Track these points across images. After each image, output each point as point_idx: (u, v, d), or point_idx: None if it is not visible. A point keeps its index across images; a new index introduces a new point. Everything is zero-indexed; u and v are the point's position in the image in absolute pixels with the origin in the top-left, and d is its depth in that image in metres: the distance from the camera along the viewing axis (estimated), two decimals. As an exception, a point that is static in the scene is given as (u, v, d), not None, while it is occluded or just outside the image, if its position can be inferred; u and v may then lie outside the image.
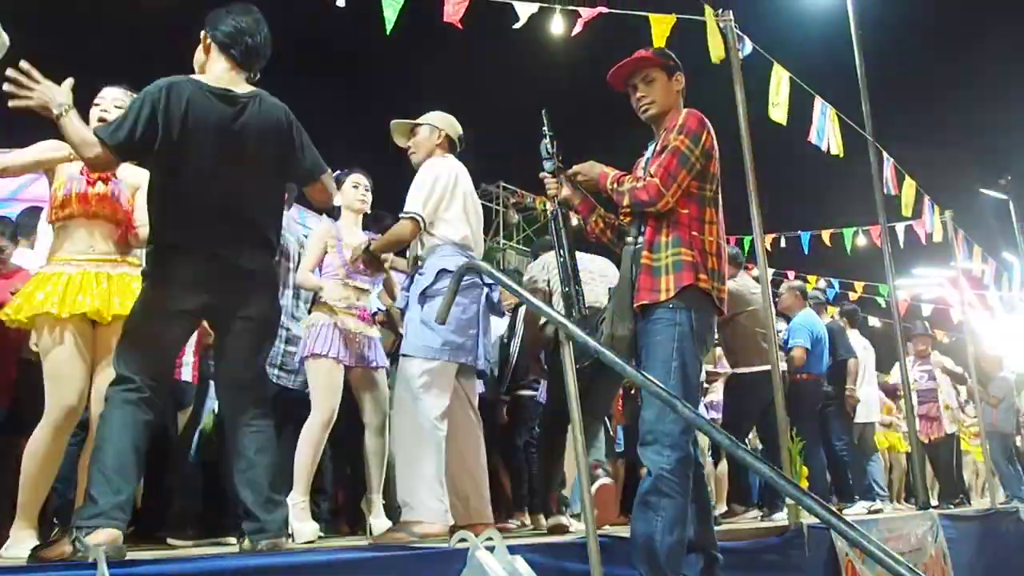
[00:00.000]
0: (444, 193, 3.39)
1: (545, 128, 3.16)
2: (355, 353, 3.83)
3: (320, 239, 3.94)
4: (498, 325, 4.56)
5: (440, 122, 3.62)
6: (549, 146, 3.16)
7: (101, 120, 3.08)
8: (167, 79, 2.64)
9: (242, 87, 2.76)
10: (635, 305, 2.91)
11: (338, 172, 4.07)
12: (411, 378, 3.24)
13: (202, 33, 2.81)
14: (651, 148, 3.07)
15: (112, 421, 2.46)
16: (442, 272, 3.29)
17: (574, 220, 3.39)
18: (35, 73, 2.48)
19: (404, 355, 3.32)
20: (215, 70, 2.77)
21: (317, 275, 3.94)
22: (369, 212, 4.17)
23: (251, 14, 2.80)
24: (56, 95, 2.49)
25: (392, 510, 4.33)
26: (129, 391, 2.49)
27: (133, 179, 3.18)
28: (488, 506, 3.45)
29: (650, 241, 2.93)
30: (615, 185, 2.97)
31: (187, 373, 4.05)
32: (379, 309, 4.73)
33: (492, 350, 3.55)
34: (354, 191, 4.06)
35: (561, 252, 3.09)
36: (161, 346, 2.60)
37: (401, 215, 3.39)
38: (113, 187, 3.13)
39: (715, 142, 2.98)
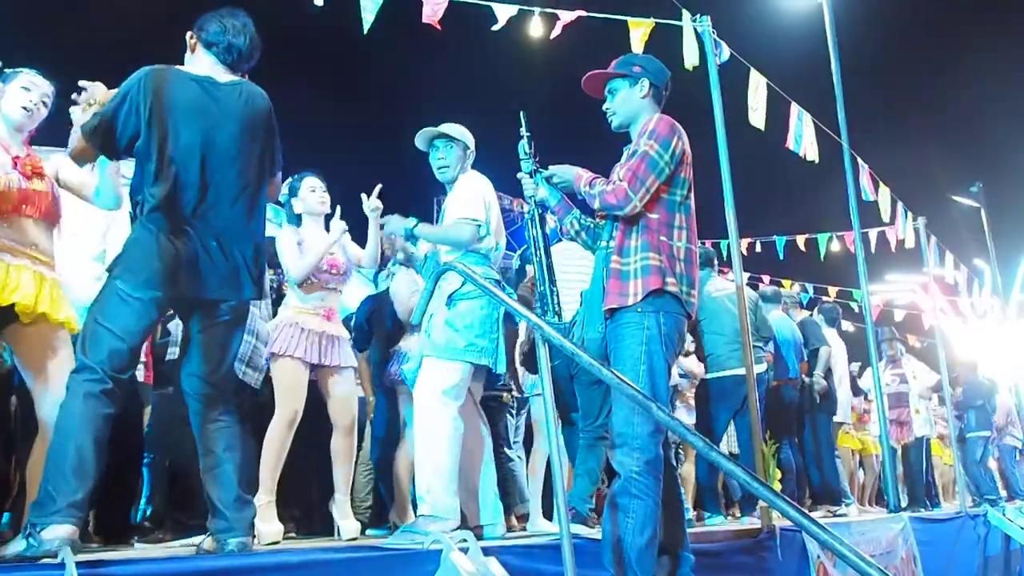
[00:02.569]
0: (483, 202, 3.53)
1: (523, 129, 3.19)
2: (319, 352, 3.81)
3: (292, 242, 3.92)
4: None
5: (471, 143, 3.75)
6: (527, 147, 3.20)
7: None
8: (146, 68, 2.64)
9: (224, 78, 2.78)
10: (604, 309, 2.94)
11: (291, 178, 4.04)
12: (433, 378, 3.35)
13: (188, 34, 2.83)
14: (625, 153, 3.10)
15: (73, 414, 2.41)
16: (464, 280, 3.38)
17: (550, 221, 3.43)
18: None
19: (427, 356, 3.40)
20: (198, 66, 2.79)
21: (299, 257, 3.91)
22: (329, 212, 4.14)
23: (238, 17, 2.83)
24: (98, 92, 2.69)
25: (360, 511, 4.32)
26: (91, 381, 2.43)
27: (53, 167, 3.15)
28: (498, 501, 3.54)
29: (620, 245, 2.95)
30: (587, 188, 3.01)
31: (140, 373, 3.97)
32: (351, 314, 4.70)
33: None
34: (312, 195, 4.03)
35: (537, 252, 3.12)
36: (125, 337, 2.51)
37: (461, 219, 3.46)
38: (50, 184, 3.05)
39: (687, 147, 3.00)
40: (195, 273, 2.58)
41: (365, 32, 4.30)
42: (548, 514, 4.50)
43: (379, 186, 3.84)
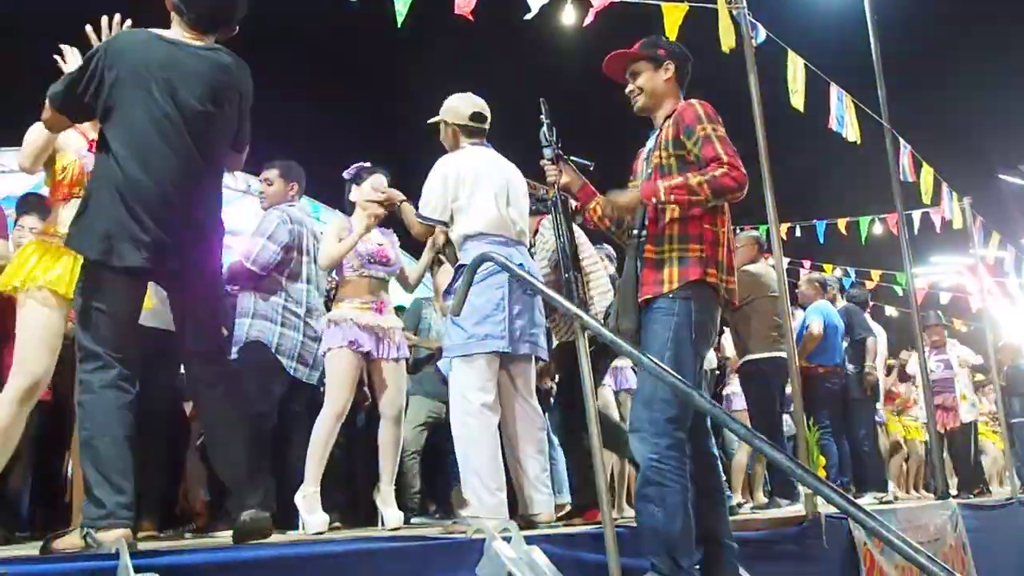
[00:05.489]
0: (448, 190, 3.43)
1: (543, 116, 3.16)
2: (374, 346, 3.85)
3: (336, 233, 3.95)
4: None
5: (446, 114, 3.62)
6: (548, 133, 3.15)
7: None
8: (120, 32, 2.66)
9: (194, 42, 2.63)
10: (640, 300, 2.90)
11: (358, 166, 4.06)
12: (454, 377, 3.35)
13: None
14: (652, 139, 3.05)
15: (96, 411, 2.40)
16: (459, 267, 3.35)
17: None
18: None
19: (448, 356, 3.42)
20: (176, 29, 2.66)
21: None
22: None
23: None
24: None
25: (409, 497, 4.36)
26: (100, 370, 2.42)
27: None
28: (546, 494, 3.43)
29: (653, 234, 2.91)
30: (682, 180, 2.79)
31: None
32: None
33: (538, 331, 3.50)
34: (373, 193, 4.06)
35: (561, 239, 3.09)
36: (120, 314, 2.48)
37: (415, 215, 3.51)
38: None
39: None
40: (160, 241, 2.47)
41: (399, 26, 4.31)
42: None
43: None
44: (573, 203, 3.32)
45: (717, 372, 5.75)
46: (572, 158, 3.19)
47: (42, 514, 4.40)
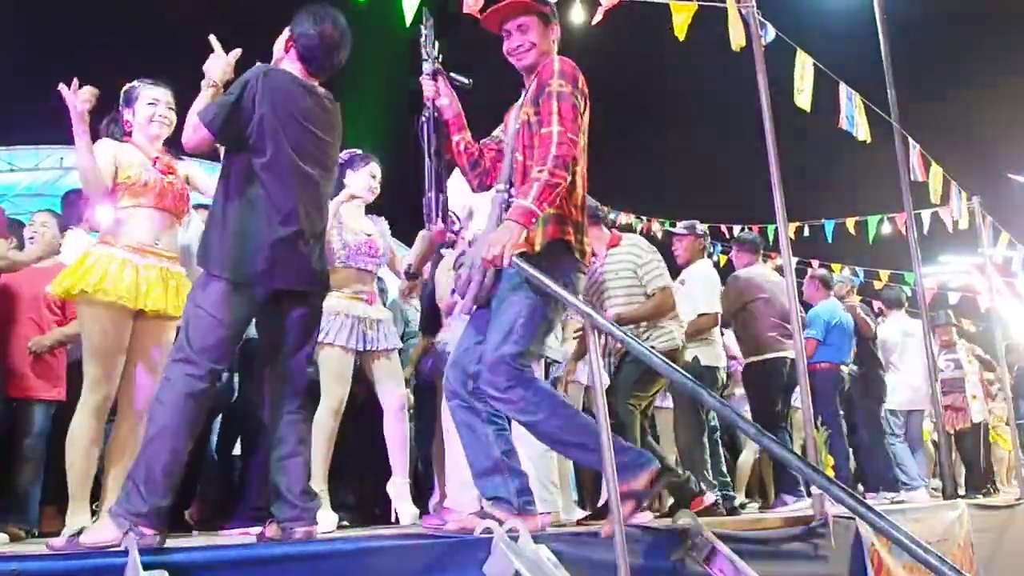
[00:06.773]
0: None
1: (423, 27, 3.06)
2: (363, 339, 3.85)
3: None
4: None
5: None
6: (428, 47, 3.06)
7: (158, 120, 3.32)
8: (263, 66, 2.77)
9: (314, 84, 2.90)
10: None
11: (351, 153, 4.05)
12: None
13: (286, 30, 2.87)
14: (522, 97, 2.96)
15: (174, 412, 2.48)
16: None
17: None
18: (217, 47, 2.83)
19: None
20: (290, 69, 2.86)
21: None
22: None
23: (337, 24, 2.85)
24: (215, 72, 2.78)
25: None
26: (192, 377, 2.51)
27: (183, 170, 3.40)
28: (554, 495, 3.45)
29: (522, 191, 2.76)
30: (535, 185, 2.67)
31: None
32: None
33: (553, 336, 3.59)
34: (370, 180, 4.06)
35: (429, 157, 2.98)
36: (230, 325, 2.61)
37: None
38: (180, 182, 3.31)
39: (586, 90, 2.88)
40: (287, 266, 2.68)
41: (408, 25, 4.31)
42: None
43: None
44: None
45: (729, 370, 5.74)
46: (452, 74, 3.09)
47: (52, 513, 4.41)
